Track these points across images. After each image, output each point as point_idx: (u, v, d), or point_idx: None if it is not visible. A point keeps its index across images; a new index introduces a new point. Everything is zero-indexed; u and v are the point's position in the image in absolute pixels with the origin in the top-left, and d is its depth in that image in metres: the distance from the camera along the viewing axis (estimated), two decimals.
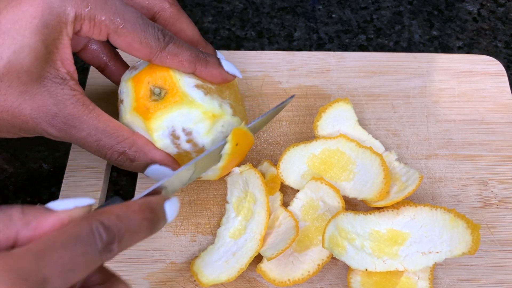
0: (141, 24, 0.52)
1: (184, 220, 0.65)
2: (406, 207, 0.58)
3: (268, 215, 0.60)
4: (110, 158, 0.55)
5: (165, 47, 0.54)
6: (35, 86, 0.48)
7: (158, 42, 0.53)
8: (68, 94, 0.50)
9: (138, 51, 0.53)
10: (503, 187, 0.66)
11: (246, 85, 0.74)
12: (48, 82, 0.49)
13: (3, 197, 0.70)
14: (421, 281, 0.57)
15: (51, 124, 0.50)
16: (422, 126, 0.71)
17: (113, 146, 0.54)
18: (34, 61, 0.47)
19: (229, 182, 0.62)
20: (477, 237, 0.54)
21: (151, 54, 0.54)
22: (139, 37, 0.52)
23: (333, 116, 0.67)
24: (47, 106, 0.49)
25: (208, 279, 0.59)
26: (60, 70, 0.50)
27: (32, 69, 0.47)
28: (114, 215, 0.40)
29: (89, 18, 0.49)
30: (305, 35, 0.85)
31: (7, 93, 0.48)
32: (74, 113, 0.51)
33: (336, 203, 0.61)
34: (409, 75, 0.75)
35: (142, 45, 0.53)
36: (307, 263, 0.59)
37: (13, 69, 0.47)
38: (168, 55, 0.54)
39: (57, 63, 0.49)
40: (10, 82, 0.47)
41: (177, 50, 0.54)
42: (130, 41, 0.52)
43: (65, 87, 0.50)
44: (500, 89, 0.73)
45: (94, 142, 0.53)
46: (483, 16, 0.86)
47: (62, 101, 0.50)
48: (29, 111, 0.49)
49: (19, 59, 0.46)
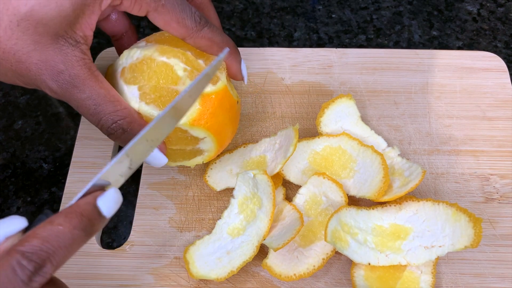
0: (180, 5, 0.54)
1: (188, 216, 0.65)
2: (408, 202, 0.58)
3: (270, 225, 0.60)
4: (103, 125, 0.54)
5: (201, 30, 0.56)
6: (49, 40, 0.49)
7: (194, 23, 0.55)
8: (77, 56, 0.51)
9: (175, 30, 0.55)
10: (504, 182, 0.66)
11: (248, 81, 0.75)
12: (62, 40, 0.49)
13: (3, 197, 0.70)
14: (424, 275, 0.57)
15: (55, 79, 0.50)
16: (424, 122, 0.71)
17: (110, 112, 0.53)
18: (55, 18, 0.48)
19: (239, 178, 0.62)
20: (479, 231, 0.54)
21: (187, 33, 0.56)
22: (177, 17, 0.54)
23: (336, 112, 0.67)
24: (55, 62, 0.50)
25: (198, 272, 0.59)
26: (77, 33, 0.50)
27: (51, 24, 0.48)
28: (37, 239, 0.38)
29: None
30: (305, 35, 0.85)
31: (19, 37, 0.48)
32: (80, 75, 0.51)
33: (339, 198, 0.61)
34: (411, 72, 0.75)
35: (180, 24, 0.55)
36: (312, 258, 0.59)
37: (33, 18, 0.47)
38: (202, 37, 0.56)
39: (77, 26, 0.50)
40: (26, 29, 0.47)
41: (211, 34, 0.57)
42: (168, 20, 0.54)
43: (77, 49, 0.51)
44: (501, 85, 0.74)
45: (92, 106, 0.52)
46: (483, 16, 0.86)
47: (70, 61, 0.50)
48: (36, 60, 0.49)
49: (42, 11, 0.47)
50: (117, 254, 0.62)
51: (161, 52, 0.56)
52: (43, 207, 0.69)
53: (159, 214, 0.65)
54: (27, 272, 0.37)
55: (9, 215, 0.67)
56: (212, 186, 0.65)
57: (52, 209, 0.69)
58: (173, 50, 0.57)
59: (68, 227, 0.40)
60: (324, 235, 0.58)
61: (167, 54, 0.56)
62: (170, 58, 0.56)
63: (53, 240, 0.39)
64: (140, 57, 0.56)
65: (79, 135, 0.70)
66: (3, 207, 0.69)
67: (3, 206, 0.69)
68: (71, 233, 0.40)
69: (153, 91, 0.55)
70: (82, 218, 0.41)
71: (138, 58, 0.56)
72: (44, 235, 0.39)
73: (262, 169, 0.61)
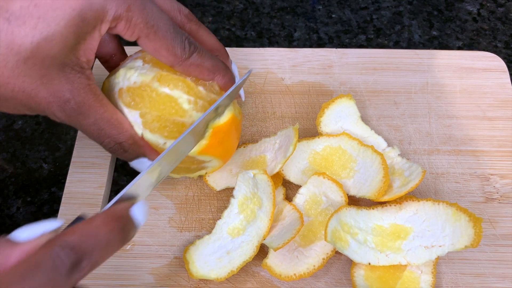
0: (172, 33, 0.53)
1: (188, 216, 0.65)
2: (408, 202, 0.58)
3: (270, 225, 0.59)
4: (106, 145, 0.55)
5: (189, 57, 0.55)
6: (55, 71, 0.48)
7: (183, 51, 0.54)
8: (83, 83, 0.51)
9: (164, 57, 0.54)
10: (505, 182, 0.66)
11: (249, 81, 0.75)
12: (68, 69, 0.49)
13: (3, 197, 0.70)
14: (424, 275, 0.57)
15: (62, 109, 0.51)
16: (424, 122, 0.71)
17: (112, 135, 0.54)
18: (61, 49, 0.47)
19: (239, 178, 0.62)
20: (479, 230, 0.54)
21: (175, 62, 0.55)
22: (167, 45, 0.53)
23: (336, 112, 0.67)
24: (62, 92, 0.50)
25: (198, 272, 0.59)
26: (81, 59, 0.50)
27: (57, 56, 0.47)
28: (77, 234, 0.39)
29: (126, 19, 0.50)
30: (305, 35, 0.85)
31: (27, 75, 0.47)
32: (85, 101, 0.51)
33: (339, 197, 0.61)
34: (411, 72, 0.75)
35: (169, 52, 0.54)
36: (312, 257, 0.59)
37: (39, 54, 0.47)
38: (191, 64, 0.56)
39: (80, 52, 0.50)
40: (33, 65, 0.47)
41: (200, 61, 0.56)
42: (158, 47, 0.53)
43: (82, 75, 0.51)
44: (501, 85, 0.74)
45: (97, 130, 0.54)
46: (483, 16, 0.86)
47: (77, 88, 0.50)
48: (45, 94, 0.49)
49: (48, 46, 0.46)
50: (117, 254, 0.62)
51: (161, 82, 0.55)
52: (43, 207, 0.69)
53: (159, 214, 0.65)
54: (66, 264, 0.37)
55: (9, 215, 0.68)
56: (212, 186, 0.65)
57: (52, 209, 0.69)
58: (173, 78, 0.56)
59: (105, 230, 0.40)
60: (324, 235, 0.57)
61: (168, 84, 0.55)
62: (173, 90, 0.55)
63: (91, 239, 0.39)
64: (138, 82, 0.55)
65: (79, 135, 0.70)
66: (3, 207, 0.69)
67: (3, 206, 0.69)
68: (108, 236, 0.40)
69: (157, 121, 0.56)
70: (118, 223, 0.42)
71: (136, 82, 0.56)
72: (82, 232, 0.39)
73: (262, 169, 0.61)
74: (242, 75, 0.74)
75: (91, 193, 0.66)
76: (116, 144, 0.55)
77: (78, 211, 0.64)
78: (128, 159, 0.58)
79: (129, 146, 0.56)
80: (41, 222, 0.41)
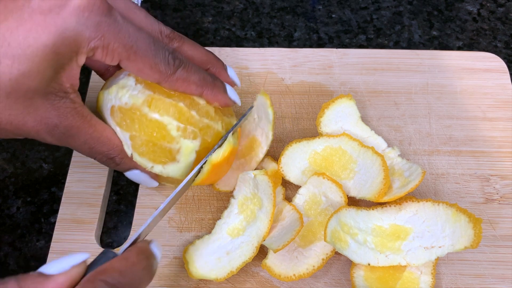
0: (153, 50, 0.53)
1: (187, 216, 0.65)
2: (408, 203, 0.58)
3: (269, 226, 0.59)
4: (98, 160, 0.58)
5: (174, 72, 0.55)
6: (40, 100, 0.49)
7: (168, 67, 0.54)
8: (69, 107, 0.52)
9: (148, 76, 0.54)
10: (505, 183, 0.66)
11: (249, 81, 0.75)
12: (52, 96, 0.50)
13: (3, 197, 0.70)
14: (423, 276, 0.57)
15: (51, 134, 0.52)
16: (424, 122, 0.71)
17: (103, 152, 0.56)
18: (41, 82, 0.48)
19: (239, 178, 0.62)
20: (479, 231, 0.54)
21: (160, 79, 0.54)
22: (150, 63, 0.53)
23: (336, 112, 0.67)
24: (49, 118, 0.51)
25: (198, 272, 0.59)
26: (64, 85, 0.50)
27: (39, 87, 0.48)
28: (116, 272, 0.42)
29: (102, 47, 0.50)
30: (305, 35, 0.85)
31: (12, 108, 0.48)
32: (73, 125, 0.52)
33: (338, 198, 0.61)
34: (411, 72, 0.75)
35: (153, 70, 0.53)
36: (312, 258, 0.59)
37: (20, 89, 0.47)
38: (177, 79, 0.55)
39: (63, 79, 0.50)
40: (16, 98, 0.48)
41: (186, 75, 0.56)
42: (141, 67, 0.53)
43: (67, 100, 0.51)
44: (501, 86, 0.74)
45: (88, 149, 0.56)
46: (483, 16, 0.86)
47: (63, 113, 0.51)
48: (32, 123, 0.50)
49: (27, 81, 0.47)
50: None
51: (151, 107, 0.55)
52: (43, 207, 0.69)
53: None
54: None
55: (9, 215, 0.68)
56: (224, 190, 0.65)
57: (52, 209, 0.69)
58: (165, 102, 0.56)
59: (139, 266, 0.44)
60: (324, 235, 0.58)
61: (158, 110, 0.55)
62: (163, 116, 0.55)
63: (129, 276, 0.43)
64: (129, 104, 0.55)
65: None
66: (3, 207, 0.69)
67: (3, 206, 0.69)
68: (142, 273, 0.44)
69: (146, 145, 0.56)
70: (148, 260, 0.46)
71: (127, 103, 0.55)
72: (122, 269, 0.42)
73: (263, 170, 0.61)
74: (242, 75, 0.75)
75: (91, 193, 0.66)
76: (108, 159, 0.57)
77: (78, 211, 0.64)
78: (121, 171, 0.60)
79: (120, 160, 0.58)
80: (69, 255, 0.43)
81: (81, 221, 0.64)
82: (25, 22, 0.46)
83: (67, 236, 0.63)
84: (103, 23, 0.49)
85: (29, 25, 0.46)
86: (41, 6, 0.46)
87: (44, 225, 0.68)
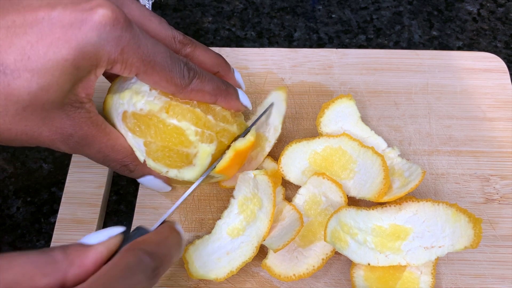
0: (170, 64, 0.53)
1: (188, 216, 0.65)
2: (408, 203, 0.58)
3: (269, 226, 0.59)
4: (112, 168, 0.59)
5: (189, 84, 0.55)
6: (55, 111, 0.49)
7: (183, 79, 0.55)
8: (84, 117, 0.52)
9: (165, 88, 0.55)
10: (505, 183, 0.66)
11: (249, 81, 0.75)
12: (68, 106, 0.50)
13: (3, 197, 0.70)
14: (423, 276, 0.57)
15: (65, 143, 0.52)
16: (424, 122, 0.71)
17: (118, 160, 0.57)
18: (58, 95, 0.48)
19: (239, 178, 0.62)
20: (479, 231, 0.54)
21: (176, 91, 0.55)
22: (166, 76, 0.53)
23: (336, 112, 0.67)
24: (65, 128, 0.51)
25: (197, 272, 0.59)
26: (79, 95, 0.50)
27: (55, 100, 0.48)
28: (153, 243, 0.45)
29: (121, 62, 0.50)
30: (305, 35, 0.85)
31: (28, 119, 0.48)
32: (88, 134, 0.53)
33: (338, 198, 0.61)
34: (411, 72, 0.75)
35: (169, 83, 0.54)
36: (312, 258, 0.59)
37: (38, 102, 0.47)
38: (191, 90, 0.56)
39: (79, 90, 0.50)
40: (33, 111, 0.48)
41: (201, 86, 0.56)
42: (157, 80, 0.53)
43: (82, 110, 0.52)
44: (501, 86, 0.74)
45: (102, 157, 0.57)
46: (483, 16, 0.86)
47: (78, 123, 0.52)
48: (48, 133, 0.51)
49: (45, 95, 0.47)
50: None
51: (169, 113, 0.55)
52: (43, 207, 0.69)
53: (159, 214, 0.65)
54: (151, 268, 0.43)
55: (9, 215, 0.68)
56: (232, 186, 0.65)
57: (52, 209, 0.69)
58: (182, 108, 0.56)
59: (172, 241, 0.48)
60: (324, 235, 0.58)
61: (176, 116, 0.55)
62: (181, 122, 0.56)
63: (163, 248, 0.46)
64: (144, 110, 0.55)
65: None
66: (3, 207, 0.69)
67: (3, 206, 0.69)
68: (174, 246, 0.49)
69: (161, 150, 0.57)
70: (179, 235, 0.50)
71: (143, 110, 0.55)
72: (158, 241, 0.46)
73: (263, 170, 0.61)
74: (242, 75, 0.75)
75: (91, 193, 0.66)
76: (122, 166, 0.58)
77: (78, 211, 0.64)
78: (135, 178, 0.61)
79: (134, 167, 0.59)
80: (107, 228, 0.46)
81: (81, 221, 0.64)
82: (45, 36, 0.45)
83: (67, 236, 0.63)
84: (123, 37, 0.49)
85: (49, 39, 0.45)
86: (62, 20, 0.46)
87: (44, 225, 0.68)
